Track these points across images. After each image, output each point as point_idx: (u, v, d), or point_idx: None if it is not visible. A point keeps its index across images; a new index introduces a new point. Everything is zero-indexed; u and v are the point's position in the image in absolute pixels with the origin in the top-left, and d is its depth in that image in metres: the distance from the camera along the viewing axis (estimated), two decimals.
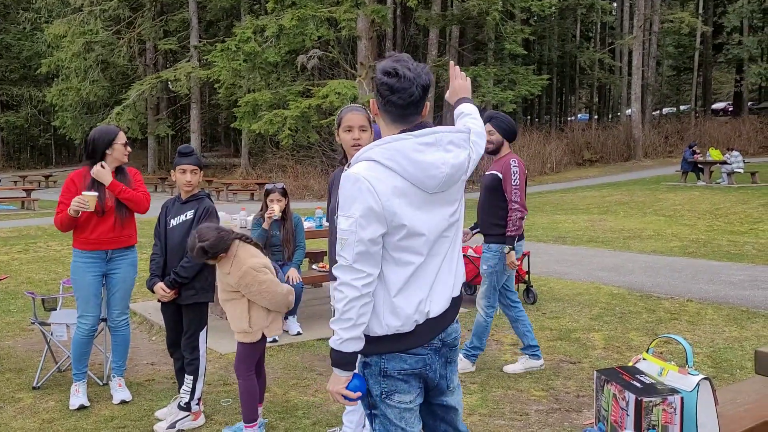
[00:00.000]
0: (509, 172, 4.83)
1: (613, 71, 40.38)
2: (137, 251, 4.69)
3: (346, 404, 2.27)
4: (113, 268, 4.49)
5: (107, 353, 5.13)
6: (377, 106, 2.28)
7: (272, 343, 5.77)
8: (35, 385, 4.85)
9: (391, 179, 2.15)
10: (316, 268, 7.44)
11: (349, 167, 2.22)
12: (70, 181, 4.43)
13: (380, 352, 2.24)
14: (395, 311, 2.21)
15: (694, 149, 21.56)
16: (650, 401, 2.40)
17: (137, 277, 4.75)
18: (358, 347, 2.19)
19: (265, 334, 3.86)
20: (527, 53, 31.33)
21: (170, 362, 5.19)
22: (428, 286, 2.26)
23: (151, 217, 4.85)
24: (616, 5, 42.65)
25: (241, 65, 23.00)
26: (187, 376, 4.14)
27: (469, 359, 5.14)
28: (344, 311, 2.15)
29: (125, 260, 4.54)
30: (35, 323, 5.11)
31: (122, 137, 4.48)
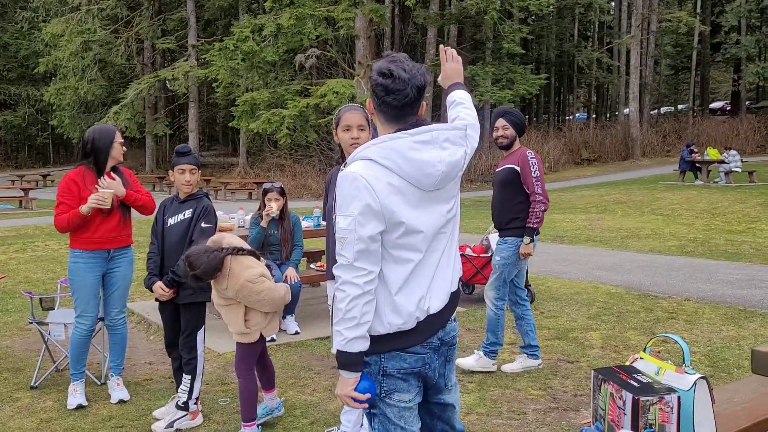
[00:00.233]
0: (528, 164, 4.76)
1: (611, 70, 40.42)
2: (133, 250, 4.70)
3: (355, 407, 2.24)
4: (113, 266, 4.50)
5: (105, 353, 5.13)
6: (373, 106, 2.30)
7: (270, 342, 5.77)
8: (33, 384, 4.85)
9: (387, 177, 2.16)
10: (314, 267, 7.44)
11: (345, 167, 2.23)
12: (70, 181, 4.36)
13: (382, 351, 2.24)
14: (397, 309, 2.21)
15: (691, 148, 21.59)
16: (647, 400, 2.40)
17: (135, 276, 4.75)
18: (363, 347, 2.18)
19: (263, 333, 3.87)
20: (525, 52, 31.34)
21: (168, 362, 5.18)
22: (427, 282, 2.27)
23: (149, 216, 4.85)
24: (614, 4, 42.69)
25: (239, 64, 23.00)
26: (185, 375, 4.15)
27: (488, 356, 5.02)
28: (347, 310, 2.14)
29: (125, 258, 4.57)
30: (33, 323, 5.11)
31: (119, 136, 4.50)
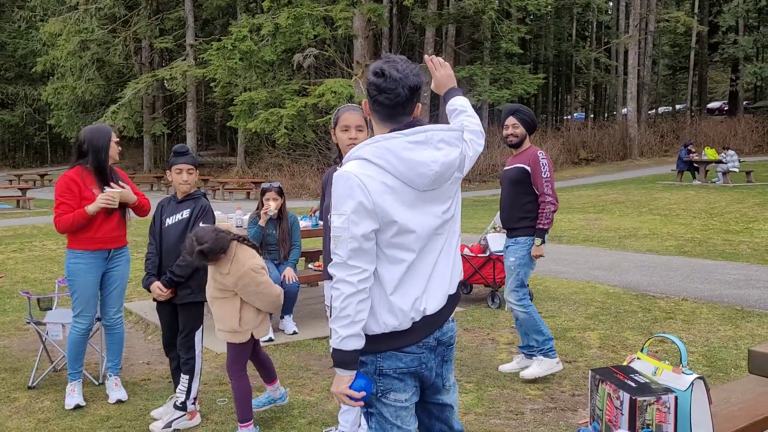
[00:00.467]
0: (538, 165, 4.73)
1: (609, 70, 40.45)
2: (129, 250, 4.72)
3: (351, 405, 2.25)
4: (112, 266, 4.51)
5: (102, 353, 5.12)
6: (368, 106, 2.32)
7: (268, 342, 5.78)
8: (31, 384, 4.85)
9: (381, 177, 2.17)
10: (312, 267, 7.44)
11: (341, 167, 2.25)
12: (71, 181, 4.33)
13: (378, 350, 2.25)
14: (392, 309, 2.22)
15: (689, 148, 21.61)
16: (644, 400, 2.41)
17: (133, 276, 4.76)
18: (358, 345, 2.19)
19: (253, 334, 3.85)
20: (523, 52, 31.39)
21: (166, 362, 5.18)
22: (423, 283, 2.27)
23: (143, 217, 4.86)
24: (611, 4, 42.75)
25: (237, 64, 23.00)
26: (182, 375, 4.15)
27: (549, 357, 4.83)
28: (342, 308, 2.15)
29: (123, 257, 4.59)
30: (30, 323, 5.11)
31: (114, 135, 4.51)
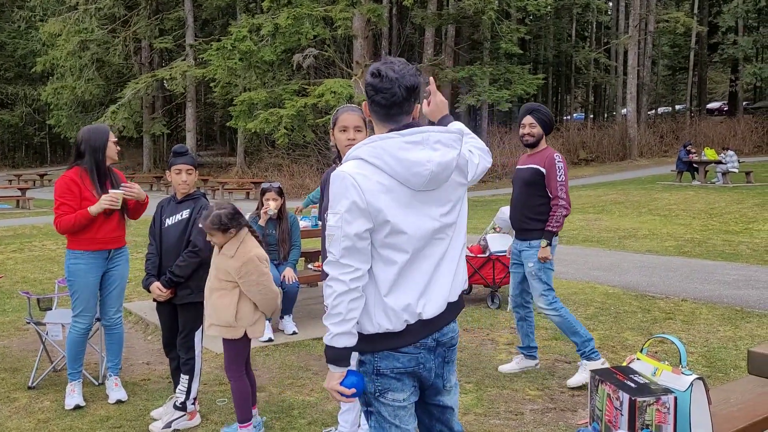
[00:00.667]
0: (554, 167, 4.69)
1: (608, 71, 40.46)
2: (129, 250, 4.73)
3: (342, 401, 2.28)
4: (111, 266, 4.52)
5: (102, 353, 5.13)
6: (367, 107, 2.35)
7: (267, 342, 5.78)
8: (30, 384, 4.85)
9: (376, 176, 2.20)
10: (311, 267, 7.45)
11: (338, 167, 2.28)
12: (71, 181, 4.33)
13: (373, 350, 2.27)
14: (386, 310, 2.23)
15: (689, 149, 21.61)
16: (644, 401, 2.41)
17: (132, 276, 4.76)
18: (349, 343, 2.21)
19: (247, 333, 3.81)
20: (523, 52, 31.39)
21: (166, 362, 5.19)
22: (420, 287, 2.28)
23: (146, 216, 4.87)
24: (611, 5, 42.75)
25: (236, 64, 23.00)
26: (182, 375, 4.15)
27: (592, 359, 4.76)
28: (334, 306, 2.18)
29: (122, 257, 4.60)
30: (30, 323, 5.11)
31: (112, 135, 4.50)
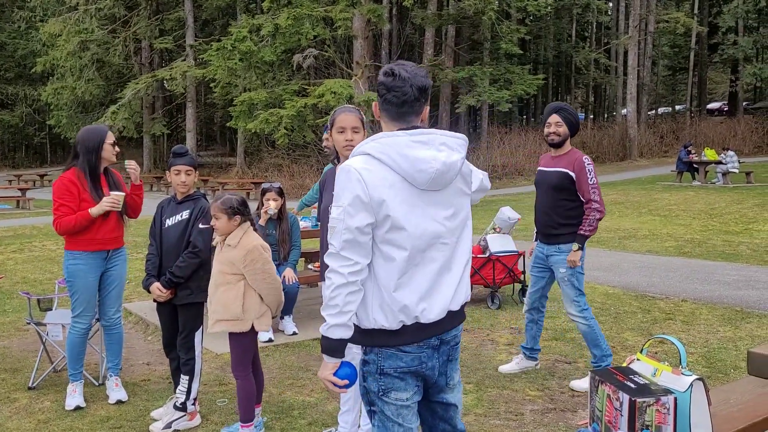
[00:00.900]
0: (584, 170, 4.64)
1: (608, 71, 40.48)
2: (129, 250, 4.74)
3: (335, 391, 2.32)
4: (110, 266, 4.53)
5: (103, 353, 5.13)
6: (378, 107, 2.38)
7: (268, 342, 5.78)
8: (31, 385, 4.85)
9: (382, 171, 2.23)
10: (311, 267, 7.45)
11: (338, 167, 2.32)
12: (69, 183, 4.33)
13: (371, 344, 2.31)
14: (383, 307, 2.26)
15: (689, 149, 21.62)
16: (644, 402, 2.41)
17: (133, 277, 4.76)
18: (344, 335, 2.25)
19: (255, 326, 3.82)
20: (523, 53, 31.39)
21: (166, 362, 5.19)
22: (422, 290, 2.29)
23: (147, 216, 4.87)
24: (611, 5, 42.75)
25: (236, 64, 22.98)
26: (182, 376, 4.15)
27: None
28: (331, 297, 2.23)
29: (120, 257, 4.61)
30: (31, 323, 5.11)
31: (111, 137, 4.46)
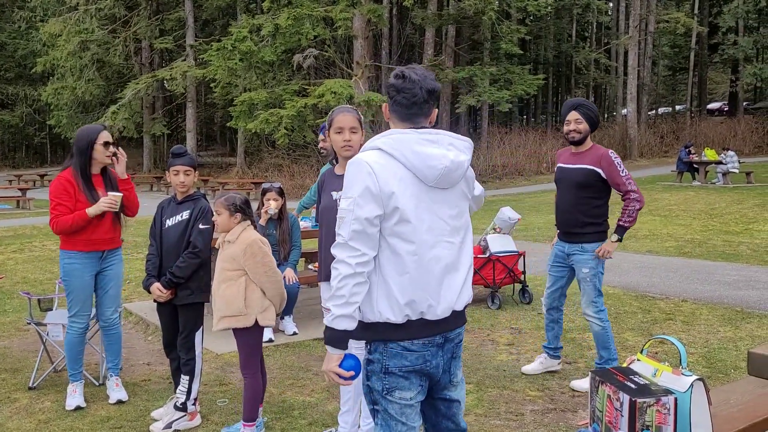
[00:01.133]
0: (613, 165, 4.57)
1: (608, 71, 40.49)
2: (130, 250, 4.73)
3: (339, 383, 2.34)
4: (105, 266, 4.52)
5: (103, 353, 5.13)
6: (388, 109, 2.44)
7: (268, 343, 5.78)
8: (31, 385, 4.85)
9: (392, 165, 2.29)
10: (311, 268, 7.45)
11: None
12: (66, 182, 4.33)
13: (373, 338, 2.33)
14: (389, 299, 2.29)
15: (689, 149, 21.62)
16: (644, 402, 2.41)
17: (133, 277, 4.76)
18: (349, 326, 2.27)
19: (258, 321, 3.82)
20: (523, 53, 31.41)
21: (166, 362, 5.19)
22: (428, 288, 2.32)
23: (147, 216, 4.87)
24: (611, 5, 42.75)
25: (237, 64, 22.99)
26: (183, 376, 4.15)
27: None
28: (338, 288, 2.25)
29: (116, 257, 4.60)
30: (31, 323, 5.11)
31: (104, 137, 4.37)
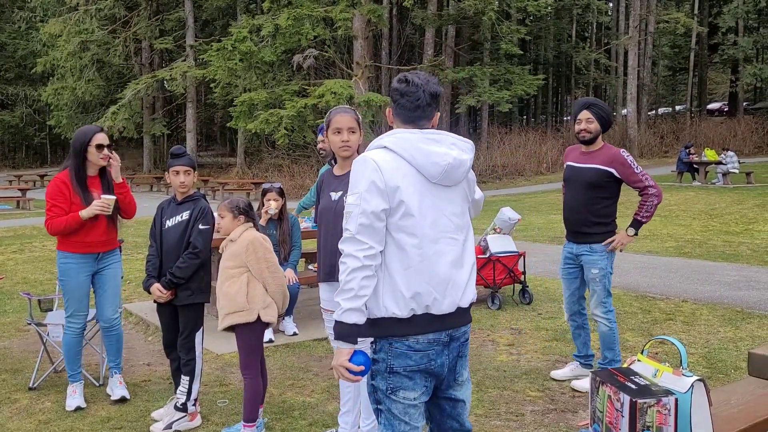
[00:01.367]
0: (626, 163, 4.54)
1: (608, 71, 40.48)
2: (129, 251, 4.72)
3: (350, 379, 2.34)
4: (102, 267, 4.51)
5: (103, 354, 5.13)
6: (391, 112, 2.49)
7: (268, 343, 5.78)
8: (31, 385, 4.85)
9: (397, 162, 2.36)
10: (311, 268, 7.45)
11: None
12: (62, 183, 4.32)
13: (379, 335, 2.36)
14: (394, 293, 2.33)
15: (689, 149, 21.61)
16: (645, 402, 2.42)
17: (133, 277, 4.75)
18: (359, 320, 2.29)
19: (261, 316, 3.81)
20: (523, 53, 31.44)
21: (166, 363, 5.19)
22: (434, 282, 2.36)
23: (147, 217, 4.86)
24: (611, 5, 42.76)
25: (237, 65, 22.99)
26: (183, 376, 4.15)
27: None
28: (346, 282, 2.28)
29: (113, 258, 4.59)
30: (31, 324, 5.11)
31: (98, 138, 4.31)
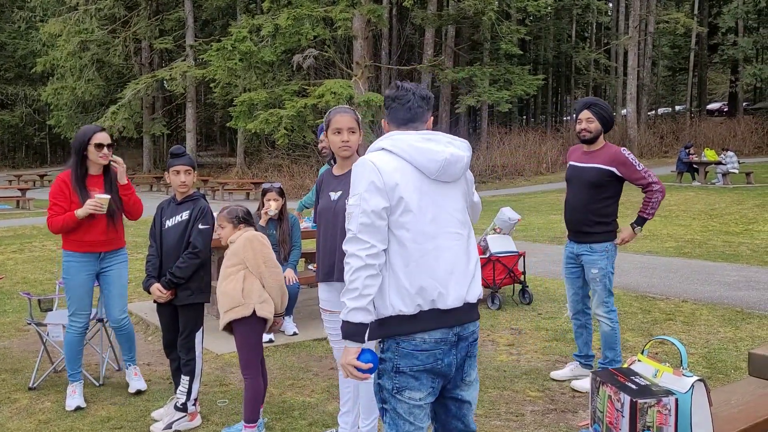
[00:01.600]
0: (628, 162, 4.53)
1: (608, 71, 40.48)
2: (127, 252, 4.71)
3: (359, 377, 2.35)
4: (105, 267, 4.51)
5: (103, 354, 5.14)
6: (386, 122, 2.55)
7: (268, 343, 5.78)
8: (31, 385, 4.85)
9: (395, 162, 2.40)
10: (311, 268, 7.45)
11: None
12: (62, 183, 4.34)
13: (387, 334, 2.37)
14: (400, 290, 2.34)
15: (689, 150, 21.62)
16: (645, 403, 2.42)
17: (133, 277, 4.75)
18: (365, 319, 2.32)
19: (257, 311, 3.80)
20: (523, 53, 31.46)
21: (166, 363, 5.19)
22: (438, 276, 2.38)
23: (147, 217, 4.86)
24: (611, 5, 42.76)
25: (236, 64, 22.99)
26: (183, 376, 4.15)
27: None
28: (351, 281, 2.31)
29: (117, 258, 4.59)
30: (31, 324, 5.11)
31: (98, 138, 4.31)
